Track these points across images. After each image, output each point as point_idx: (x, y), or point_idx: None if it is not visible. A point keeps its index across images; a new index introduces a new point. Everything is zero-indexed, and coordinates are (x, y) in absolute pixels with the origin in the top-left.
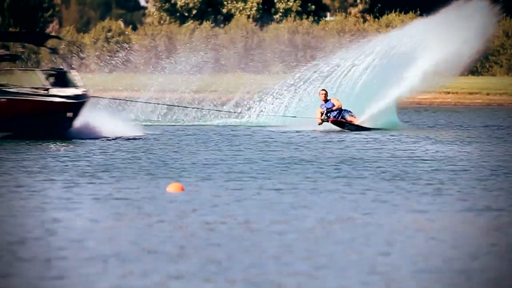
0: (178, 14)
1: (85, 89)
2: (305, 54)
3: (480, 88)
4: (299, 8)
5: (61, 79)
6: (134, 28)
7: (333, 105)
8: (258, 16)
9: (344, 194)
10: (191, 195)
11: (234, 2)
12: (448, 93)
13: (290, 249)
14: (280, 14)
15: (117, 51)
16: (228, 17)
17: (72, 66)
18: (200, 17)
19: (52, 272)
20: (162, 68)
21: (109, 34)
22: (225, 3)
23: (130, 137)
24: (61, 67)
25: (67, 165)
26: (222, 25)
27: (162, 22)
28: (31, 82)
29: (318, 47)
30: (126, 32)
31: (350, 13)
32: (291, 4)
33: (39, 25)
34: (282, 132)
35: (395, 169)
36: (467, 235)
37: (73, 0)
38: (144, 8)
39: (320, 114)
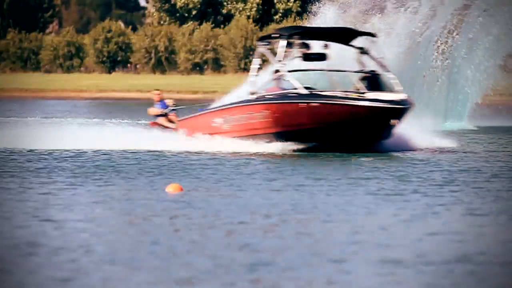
0: (178, 14)
1: (406, 94)
2: None
3: None
4: (299, 9)
5: (375, 82)
6: (134, 29)
7: (167, 106)
8: (258, 16)
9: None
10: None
11: (234, 2)
12: None
13: (289, 249)
14: (280, 14)
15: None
16: (228, 17)
17: (387, 67)
18: (200, 17)
19: (57, 273)
20: None
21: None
22: (225, 3)
23: (448, 150)
24: (373, 69)
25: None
26: (222, 26)
27: (162, 22)
28: (343, 85)
29: None
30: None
31: None
32: (291, 4)
33: (39, 25)
34: None
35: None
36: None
37: (73, 1)
38: (144, 8)
39: (155, 114)
